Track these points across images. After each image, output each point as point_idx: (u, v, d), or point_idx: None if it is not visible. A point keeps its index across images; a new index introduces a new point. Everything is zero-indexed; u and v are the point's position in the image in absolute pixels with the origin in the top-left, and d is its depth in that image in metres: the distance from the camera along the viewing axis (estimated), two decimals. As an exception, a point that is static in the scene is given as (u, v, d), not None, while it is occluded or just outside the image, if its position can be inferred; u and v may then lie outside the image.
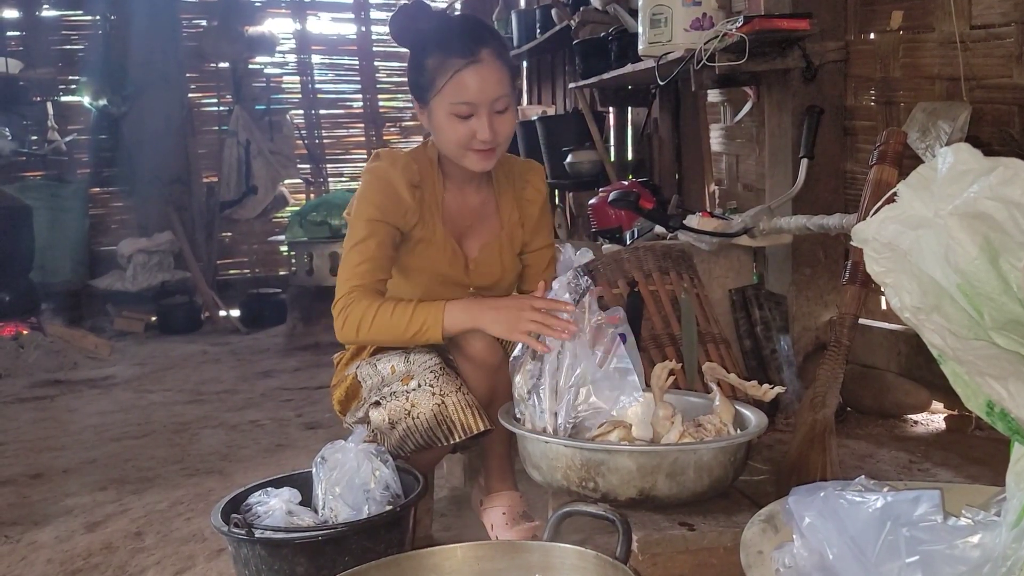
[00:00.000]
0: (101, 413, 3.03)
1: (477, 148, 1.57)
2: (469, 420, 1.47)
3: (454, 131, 1.56)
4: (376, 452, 1.39)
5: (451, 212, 1.68)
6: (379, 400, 1.57)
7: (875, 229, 1.01)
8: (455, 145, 1.58)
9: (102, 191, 5.31)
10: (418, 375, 1.53)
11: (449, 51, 1.54)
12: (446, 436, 1.48)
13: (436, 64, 1.55)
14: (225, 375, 3.64)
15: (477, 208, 1.71)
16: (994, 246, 0.89)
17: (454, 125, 1.56)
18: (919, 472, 1.91)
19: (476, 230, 1.71)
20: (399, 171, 1.60)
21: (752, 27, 2.28)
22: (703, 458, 1.23)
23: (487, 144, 1.56)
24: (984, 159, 0.89)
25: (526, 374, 1.41)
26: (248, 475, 2.20)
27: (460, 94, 1.53)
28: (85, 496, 2.11)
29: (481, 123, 1.55)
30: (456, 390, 1.50)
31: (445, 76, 1.54)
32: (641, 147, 3.89)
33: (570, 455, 1.25)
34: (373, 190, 1.60)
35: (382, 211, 1.58)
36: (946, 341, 0.87)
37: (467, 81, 1.53)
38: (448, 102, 1.54)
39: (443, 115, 1.56)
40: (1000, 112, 2.03)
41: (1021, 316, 0.90)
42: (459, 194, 1.69)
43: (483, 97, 1.54)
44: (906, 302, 0.91)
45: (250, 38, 5.36)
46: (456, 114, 1.55)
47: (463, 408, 1.48)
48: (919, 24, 2.27)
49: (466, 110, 1.54)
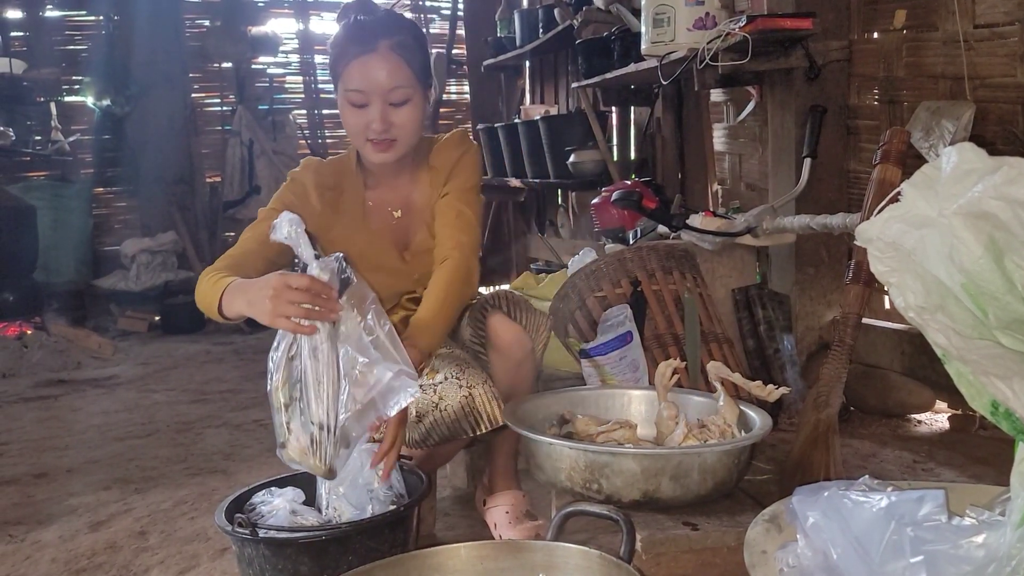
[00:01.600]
0: (105, 413, 3.03)
1: (372, 139, 1.59)
2: (495, 412, 1.49)
3: (349, 121, 1.61)
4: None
5: (377, 209, 1.71)
6: None
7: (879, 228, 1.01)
8: (353, 135, 1.63)
9: (106, 191, 5.31)
10: (443, 368, 1.55)
11: (346, 40, 1.60)
12: (472, 427, 1.50)
13: (337, 54, 1.61)
14: (228, 374, 3.64)
15: (404, 198, 1.73)
16: (999, 245, 0.89)
17: (350, 114, 1.60)
18: (923, 472, 1.91)
19: (409, 219, 1.73)
20: (311, 175, 1.67)
21: (755, 26, 2.27)
22: (708, 461, 1.23)
23: (380, 135, 1.58)
24: (989, 158, 0.89)
25: (284, 378, 1.28)
26: (252, 474, 2.21)
27: (352, 82, 1.58)
28: (89, 495, 2.12)
29: (374, 113, 1.57)
30: (482, 382, 1.52)
31: (341, 64, 1.59)
32: (644, 147, 3.88)
33: (574, 457, 1.25)
34: (284, 189, 1.67)
35: (285, 205, 1.62)
36: (950, 340, 0.86)
37: (358, 70, 1.57)
38: (344, 89, 1.59)
39: (342, 104, 1.61)
40: (1004, 111, 2.03)
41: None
42: (385, 190, 1.71)
43: (374, 87, 1.56)
44: (910, 301, 0.91)
45: (253, 38, 5.36)
46: (350, 102, 1.59)
47: (489, 400, 1.50)
48: (923, 23, 2.26)
49: (359, 98, 1.58)
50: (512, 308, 1.63)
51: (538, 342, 1.64)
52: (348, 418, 1.24)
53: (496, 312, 1.61)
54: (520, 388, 1.59)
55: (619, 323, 1.73)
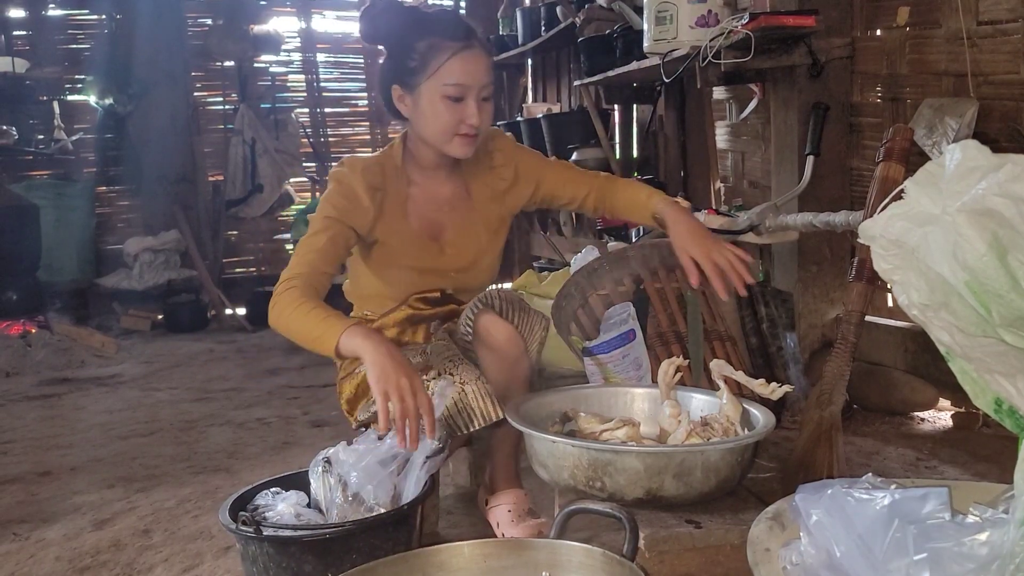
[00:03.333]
0: (108, 411, 3.04)
1: (463, 133, 1.62)
2: (488, 408, 1.49)
3: (441, 116, 1.61)
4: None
5: (419, 206, 1.72)
6: None
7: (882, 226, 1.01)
8: (441, 130, 1.62)
9: (108, 190, 5.31)
10: (437, 365, 1.55)
11: (444, 35, 1.60)
12: (466, 424, 1.50)
13: (429, 47, 1.60)
14: (231, 373, 3.65)
15: (448, 196, 1.76)
16: (1002, 243, 0.88)
17: (444, 108, 1.60)
18: (926, 469, 1.91)
19: (450, 216, 1.75)
20: (359, 175, 1.65)
21: (758, 24, 2.27)
22: (711, 459, 1.23)
23: (473, 129, 1.62)
24: (992, 155, 0.89)
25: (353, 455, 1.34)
26: (255, 473, 2.21)
27: (454, 75, 1.58)
28: (93, 494, 2.12)
29: (471, 108, 1.60)
30: (475, 379, 1.52)
31: (440, 58, 1.58)
32: (646, 144, 3.88)
33: (577, 455, 1.25)
34: (334, 193, 1.66)
35: (339, 211, 1.62)
36: (954, 338, 0.86)
37: (462, 64, 1.59)
38: (441, 83, 1.59)
39: (433, 98, 1.60)
40: (1007, 108, 2.02)
41: (1030, 313, 0.90)
42: (427, 187, 1.74)
43: (475, 80, 1.60)
44: (913, 299, 0.91)
45: (255, 37, 5.36)
46: (448, 96, 1.59)
47: (482, 396, 1.50)
48: (926, 20, 2.26)
49: (458, 92, 1.59)
50: (506, 307, 1.62)
51: (532, 342, 1.63)
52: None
53: (487, 311, 1.60)
54: (515, 387, 1.59)
55: (622, 321, 1.73)
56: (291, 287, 1.52)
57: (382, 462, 1.29)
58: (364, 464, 1.29)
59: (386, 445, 1.32)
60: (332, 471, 1.34)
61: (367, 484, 1.29)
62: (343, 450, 1.36)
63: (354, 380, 1.68)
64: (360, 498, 1.29)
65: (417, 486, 1.30)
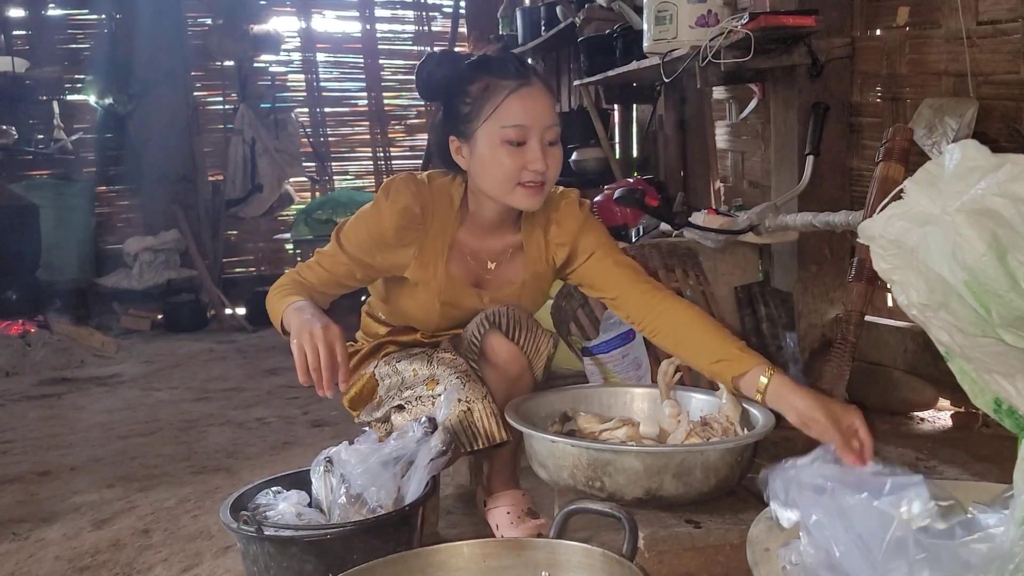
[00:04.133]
0: (108, 411, 3.04)
1: (527, 181, 1.46)
2: (493, 429, 1.48)
3: (502, 163, 1.45)
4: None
5: (465, 253, 1.59)
6: (403, 404, 1.57)
7: (882, 226, 1.01)
8: (503, 179, 1.46)
9: (108, 189, 5.32)
10: (443, 379, 1.53)
11: (499, 74, 1.46)
12: (469, 443, 1.49)
13: (483, 88, 1.46)
14: (231, 373, 3.65)
15: (499, 250, 1.62)
16: (1002, 243, 0.88)
17: (504, 154, 1.44)
18: (926, 469, 1.91)
19: (496, 271, 1.62)
20: (397, 213, 1.51)
21: (758, 24, 2.27)
22: (710, 459, 1.23)
23: (539, 176, 1.46)
24: (992, 155, 0.89)
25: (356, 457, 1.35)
26: (255, 473, 2.21)
27: (513, 116, 1.43)
28: (92, 494, 2.12)
29: (533, 150, 1.44)
30: (482, 398, 1.50)
31: (496, 99, 1.44)
32: (646, 144, 3.88)
33: (577, 454, 1.25)
34: (366, 223, 1.54)
35: (359, 248, 1.54)
36: (953, 338, 0.86)
37: (520, 103, 1.44)
38: (499, 126, 1.44)
39: (492, 144, 1.45)
40: (1007, 108, 2.02)
41: (1029, 313, 0.90)
42: (479, 235, 1.60)
43: (536, 121, 1.44)
44: (913, 299, 0.91)
45: (255, 36, 5.36)
46: (507, 140, 1.44)
47: (488, 417, 1.48)
48: (926, 20, 2.25)
49: (518, 134, 1.44)
50: (512, 327, 1.58)
51: (538, 361, 1.60)
52: None
53: (494, 331, 1.56)
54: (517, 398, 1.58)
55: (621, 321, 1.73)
56: (285, 278, 1.54)
57: (385, 464, 1.29)
58: (368, 466, 1.29)
59: (389, 446, 1.32)
60: (334, 471, 1.34)
61: (371, 486, 1.29)
62: (345, 450, 1.36)
63: (360, 381, 1.67)
64: (363, 499, 1.29)
65: (419, 487, 1.30)
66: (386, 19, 5.80)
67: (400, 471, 1.30)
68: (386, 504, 1.29)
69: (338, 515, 1.31)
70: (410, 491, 1.31)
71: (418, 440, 1.32)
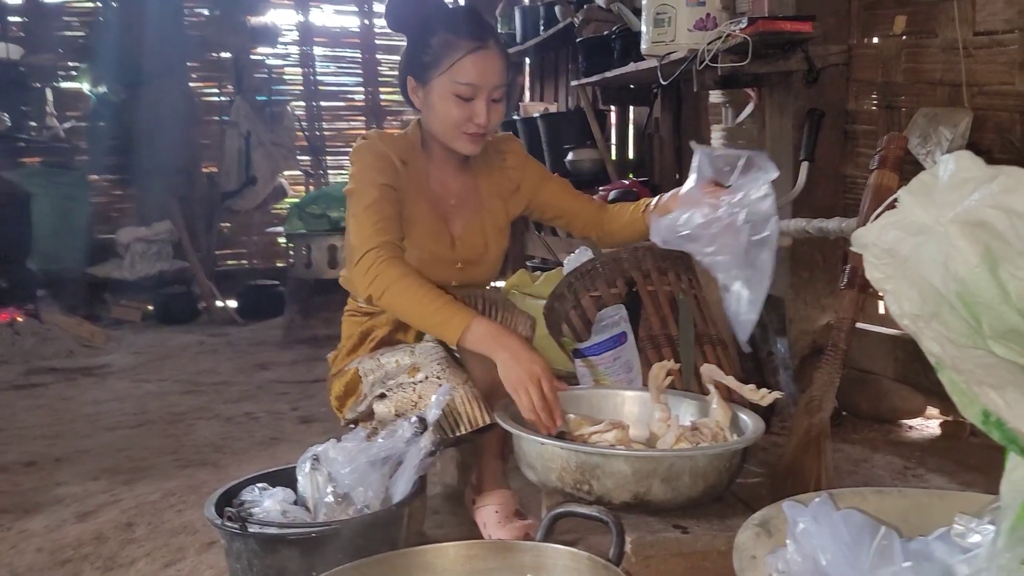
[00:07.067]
0: (96, 402, 3.02)
1: (470, 131, 1.63)
2: (475, 413, 1.48)
3: (451, 112, 1.61)
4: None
5: (435, 192, 1.73)
6: (384, 392, 1.57)
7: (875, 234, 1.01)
8: (449, 126, 1.63)
9: (102, 179, 5.29)
10: (425, 367, 1.54)
11: (459, 33, 1.60)
12: (452, 428, 1.49)
13: (443, 43, 1.60)
14: (221, 366, 3.63)
15: (458, 189, 1.76)
16: (994, 255, 0.88)
17: (453, 106, 1.60)
18: (913, 478, 1.91)
19: (459, 209, 1.76)
20: (389, 146, 1.66)
21: (756, 29, 2.27)
22: (699, 464, 1.23)
23: (481, 129, 1.62)
24: (986, 167, 0.89)
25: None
26: (242, 468, 2.20)
27: (466, 75, 1.59)
28: (77, 486, 2.11)
29: (480, 107, 1.60)
30: (463, 383, 1.51)
31: (453, 56, 1.59)
32: (642, 146, 3.88)
33: (565, 457, 1.25)
34: (374, 158, 1.64)
35: (387, 176, 1.61)
36: (944, 349, 0.86)
37: (475, 64, 1.59)
38: (452, 81, 1.59)
39: (444, 94, 1.61)
40: (1002, 119, 2.02)
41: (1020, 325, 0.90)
42: (441, 175, 1.74)
43: (486, 81, 1.60)
44: (905, 309, 0.90)
45: (253, 28, 5.34)
46: (457, 94, 1.60)
47: (470, 401, 1.49)
48: (922, 29, 2.26)
49: (468, 91, 1.59)
50: (488, 307, 1.62)
51: None
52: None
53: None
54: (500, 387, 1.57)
55: (614, 323, 1.73)
56: (385, 257, 1.50)
57: (373, 464, 1.28)
58: (356, 465, 1.28)
59: (376, 445, 1.31)
60: (321, 469, 1.33)
61: (358, 485, 1.28)
62: (332, 448, 1.35)
63: (343, 378, 1.67)
64: (350, 499, 1.28)
65: (407, 487, 1.29)
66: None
67: (388, 471, 1.29)
68: (373, 504, 1.28)
69: (324, 514, 1.30)
70: (398, 491, 1.30)
71: (407, 440, 1.32)
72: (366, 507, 1.28)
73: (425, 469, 1.33)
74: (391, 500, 1.30)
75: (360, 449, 1.31)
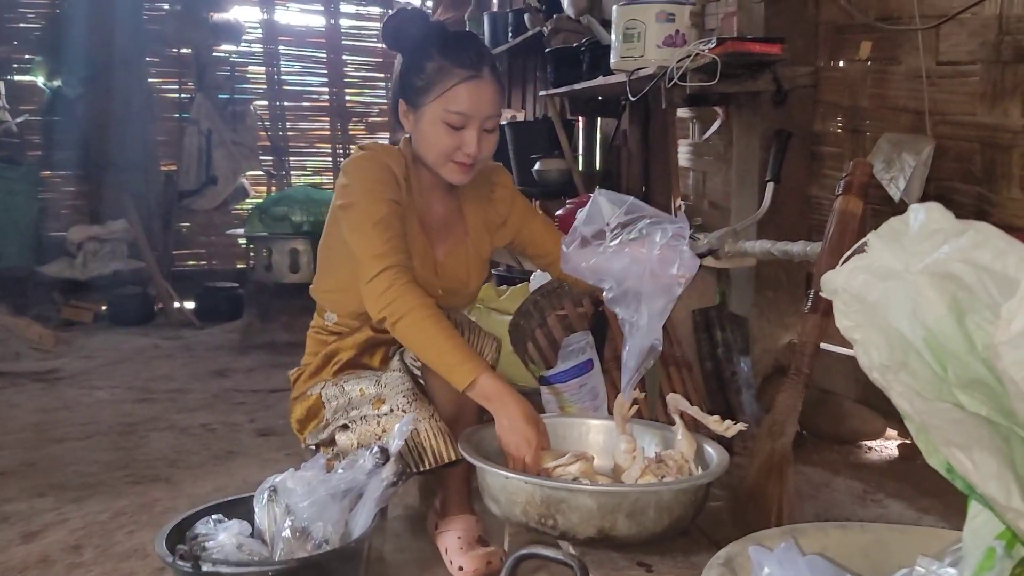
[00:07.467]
0: (43, 410, 2.92)
1: (459, 160, 1.59)
2: (440, 448, 1.46)
3: (441, 139, 1.57)
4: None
5: (422, 214, 1.69)
6: (347, 423, 1.53)
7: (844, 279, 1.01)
8: (438, 153, 1.59)
9: (53, 174, 5.13)
10: (390, 399, 1.50)
11: (454, 60, 1.56)
12: (416, 463, 1.46)
13: (437, 69, 1.57)
14: (177, 372, 3.54)
15: (444, 214, 1.73)
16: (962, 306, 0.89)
17: (443, 133, 1.57)
18: (872, 503, 1.93)
19: (443, 235, 1.72)
20: (392, 161, 1.62)
21: (725, 49, 2.28)
22: (664, 499, 1.22)
23: (470, 159, 1.58)
24: (955, 220, 0.89)
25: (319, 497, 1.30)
26: (196, 484, 2.14)
27: (457, 104, 1.55)
28: (23, 503, 2.03)
29: (470, 137, 1.57)
30: (429, 417, 1.48)
31: (446, 84, 1.55)
32: (610, 157, 3.88)
33: (530, 491, 1.23)
34: (380, 172, 1.59)
35: (393, 191, 1.58)
36: (913, 405, 0.86)
37: (467, 93, 1.55)
38: (443, 109, 1.56)
39: (434, 120, 1.57)
40: (963, 148, 2.05)
41: (985, 376, 0.90)
42: (428, 198, 1.70)
43: (479, 111, 1.56)
44: (874, 359, 0.90)
45: (215, 25, 5.22)
46: (448, 123, 1.56)
47: (435, 436, 1.46)
48: (887, 56, 2.28)
49: (459, 120, 1.56)
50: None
51: None
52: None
53: None
54: (465, 413, 1.55)
55: (580, 350, 1.71)
56: (402, 280, 1.47)
57: (333, 496, 1.25)
58: (315, 498, 1.25)
59: (336, 476, 1.28)
60: (278, 500, 1.29)
61: (317, 519, 1.24)
62: (291, 478, 1.31)
63: (305, 402, 1.63)
64: (308, 532, 1.25)
65: (368, 520, 1.26)
66: (351, 15, 5.71)
67: (348, 504, 1.26)
68: (332, 539, 1.25)
69: (282, 548, 1.26)
70: (358, 524, 1.27)
71: (368, 471, 1.29)
72: (325, 541, 1.25)
73: (386, 501, 1.30)
74: (351, 534, 1.27)
75: (320, 480, 1.28)
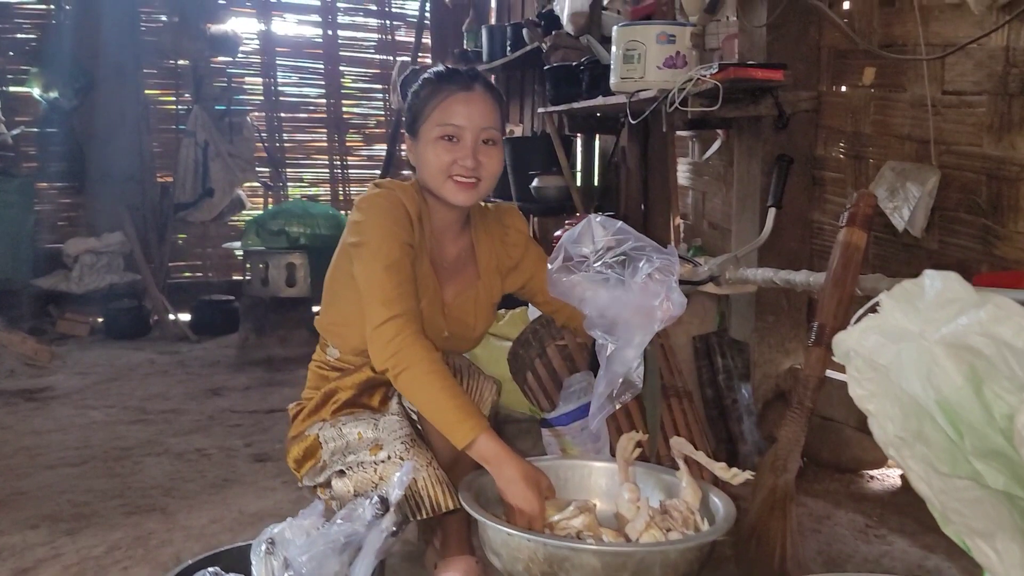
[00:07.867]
0: (36, 433, 2.89)
1: (458, 176, 1.56)
2: (438, 497, 1.43)
3: (439, 156, 1.56)
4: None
5: (434, 253, 1.66)
6: (344, 469, 1.51)
7: (856, 339, 0.99)
8: (437, 171, 1.56)
9: (49, 187, 5.09)
10: (388, 445, 1.47)
11: (446, 80, 1.59)
12: (413, 512, 1.44)
13: (429, 92, 1.59)
14: (172, 391, 3.51)
15: (456, 255, 1.70)
16: (979, 374, 0.87)
17: (441, 150, 1.55)
18: (876, 538, 1.91)
19: (453, 276, 1.68)
20: (407, 199, 1.58)
21: (727, 75, 2.26)
22: (670, 557, 1.20)
23: (469, 172, 1.55)
24: (972, 291, 0.87)
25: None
26: (192, 515, 2.11)
27: (450, 116, 1.55)
28: (15, 535, 2.00)
29: (465, 147, 1.55)
30: (427, 464, 1.45)
31: (438, 100, 1.57)
32: (608, 175, 3.86)
33: (533, 548, 1.21)
34: (395, 211, 1.55)
35: (407, 233, 1.54)
36: (931, 486, 0.84)
37: (456, 105, 1.56)
38: (437, 124, 1.56)
39: (430, 138, 1.57)
40: (968, 180, 2.03)
41: (1003, 447, 0.88)
42: (440, 237, 1.67)
43: (472, 122, 1.56)
44: (889, 433, 0.88)
45: (212, 36, 5.18)
46: (444, 136, 1.55)
47: (433, 484, 1.43)
48: (891, 83, 2.26)
49: (454, 132, 1.55)
50: (453, 374, 1.54)
51: (482, 408, 1.58)
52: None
53: None
54: (464, 458, 1.52)
55: (582, 391, 1.69)
56: (408, 331, 1.44)
57: (333, 549, 1.22)
58: (314, 552, 1.22)
59: (335, 528, 1.25)
60: (276, 553, 1.26)
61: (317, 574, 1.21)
62: (289, 527, 1.29)
63: (303, 443, 1.60)
64: None
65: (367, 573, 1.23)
66: (348, 26, 5.67)
67: (348, 558, 1.23)
68: (331, 596, 1.22)
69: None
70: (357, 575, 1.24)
71: (368, 522, 1.26)
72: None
73: (386, 552, 1.27)
74: (350, 588, 1.24)
75: (319, 533, 1.25)
